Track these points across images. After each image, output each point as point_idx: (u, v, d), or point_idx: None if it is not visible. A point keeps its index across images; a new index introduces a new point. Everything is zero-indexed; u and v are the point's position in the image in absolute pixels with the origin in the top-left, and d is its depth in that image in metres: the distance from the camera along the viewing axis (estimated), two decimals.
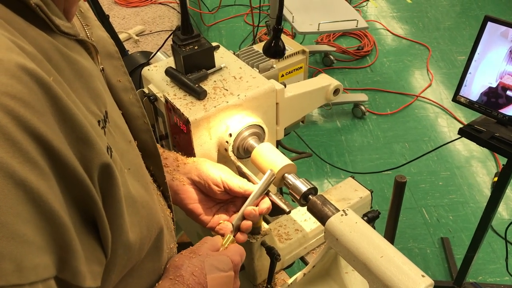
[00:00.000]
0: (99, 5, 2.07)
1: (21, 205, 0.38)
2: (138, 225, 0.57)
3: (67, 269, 0.43)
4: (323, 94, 1.24)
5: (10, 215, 0.37)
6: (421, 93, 3.39)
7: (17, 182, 0.37)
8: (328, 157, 2.92)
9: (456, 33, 4.02)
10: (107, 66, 0.68)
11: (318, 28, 2.92)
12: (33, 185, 0.39)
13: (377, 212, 1.03)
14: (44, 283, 0.40)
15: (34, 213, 0.39)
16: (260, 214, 0.87)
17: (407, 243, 2.44)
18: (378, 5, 4.41)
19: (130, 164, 0.61)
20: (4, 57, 0.39)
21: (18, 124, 0.38)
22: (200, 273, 0.69)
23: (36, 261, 0.39)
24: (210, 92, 1.03)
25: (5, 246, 0.36)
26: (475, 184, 2.74)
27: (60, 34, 0.51)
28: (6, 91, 0.38)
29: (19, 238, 0.37)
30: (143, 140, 0.74)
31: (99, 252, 0.49)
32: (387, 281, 0.76)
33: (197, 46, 1.06)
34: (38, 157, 0.40)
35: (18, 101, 0.38)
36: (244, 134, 1.03)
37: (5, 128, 0.37)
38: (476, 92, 1.57)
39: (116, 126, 0.60)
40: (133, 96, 0.72)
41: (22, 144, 0.38)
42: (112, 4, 3.51)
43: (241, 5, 4.36)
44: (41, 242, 0.40)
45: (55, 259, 0.42)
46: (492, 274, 2.30)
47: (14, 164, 0.37)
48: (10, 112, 0.38)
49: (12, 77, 0.39)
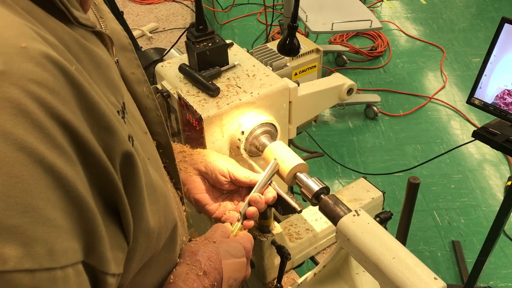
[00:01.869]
0: (114, 1, 2.08)
1: (50, 190, 0.38)
2: (157, 214, 0.57)
3: (93, 255, 0.44)
4: (336, 93, 1.23)
5: (41, 200, 0.37)
6: (434, 95, 3.37)
7: (46, 167, 0.38)
8: (339, 158, 2.90)
9: (471, 35, 3.98)
10: (121, 59, 0.69)
11: (332, 27, 2.90)
12: (61, 171, 0.39)
13: (390, 213, 1.02)
14: (74, 267, 0.41)
15: (63, 199, 0.40)
16: (266, 203, 0.89)
17: (418, 246, 2.42)
18: (392, 6, 4.38)
19: (148, 155, 0.61)
20: (29, 46, 0.39)
21: (45, 110, 0.39)
22: (216, 259, 0.71)
23: (66, 245, 0.40)
24: (223, 90, 1.03)
25: (37, 230, 0.37)
26: (487, 188, 2.71)
27: (78, 25, 0.52)
28: (33, 78, 0.38)
29: (50, 223, 0.38)
30: (156, 132, 0.75)
31: (121, 239, 0.50)
32: (399, 283, 0.75)
33: (211, 43, 1.06)
34: (65, 144, 0.40)
35: (44, 88, 0.39)
36: (257, 132, 1.02)
37: (33, 114, 0.37)
38: (491, 94, 1.55)
39: (133, 117, 0.61)
40: (147, 89, 0.72)
41: (50, 130, 0.39)
42: (126, 1, 3.52)
43: (255, 4, 4.36)
44: (69, 227, 0.40)
45: (82, 244, 0.42)
46: (504, 279, 2.27)
47: (43, 150, 0.38)
48: (37, 99, 0.38)
49: (37, 64, 0.39)
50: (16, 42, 0.39)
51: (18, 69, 0.38)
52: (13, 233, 0.35)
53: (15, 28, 0.40)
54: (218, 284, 0.70)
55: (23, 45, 0.39)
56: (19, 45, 0.39)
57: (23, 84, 0.37)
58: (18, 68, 0.38)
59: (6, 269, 0.35)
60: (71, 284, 0.40)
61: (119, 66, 0.68)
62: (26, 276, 0.36)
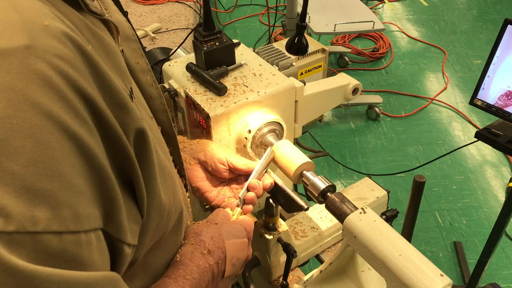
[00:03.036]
0: (119, 1, 2.09)
1: (74, 157, 0.41)
2: (167, 192, 0.59)
3: (112, 222, 0.46)
4: (342, 93, 1.24)
5: (66, 166, 0.40)
6: (436, 96, 3.38)
7: (70, 135, 0.40)
8: (342, 158, 2.91)
9: (473, 36, 3.99)
10: (126, 48, 0.70)
11: (334, 28, 2.91)
12: (84, 139, 0.41)
13: (396, 211, 1.03)
14: (95, 233, 0.43)
15: (85, 166, 0.42)
16: (264, 189, 0.92)
17: (420, 246, 2.43)
18: (394, 8, 4.39)
19: (155, 138, 0.63)
20: (51, 24, 0.42)
21: (68, 83, 0.41)
22: (219, 238, 0.74)
23: (89, 211, 0.42)
24: (230, 89, 1.04)
25: (63, 194, 0.39)
26: (489, 189, 2.72)
27: (88, 13, 0.54)
28: (56, 53, 0.41)
29: (74, 188, 0.40)
30: (160, 120, 0.77)
31: (136, 211, 0.52)
32: (405, 280, 0.76)
33: (218, 42, 1.07)
34: (86, 115, 0.43)
35: (67, 63, 0.41)
36: (263, 131, 1.03)
37: (58, 86, 0.40)
38: (494, 95, 1.56)
39: (140, 102, 0.63)
40: (151, 78, 0.74)
41: (73, 102, 0.41)
42: (129, 2, 3.53)
43: (257, 5, 4.37)
44: (90, 194, 0.42)
45: (102, 212, 0.44)
46: (506, 280, 2.28)
47: (68, 119, 0.40)
48: (61, 72, 0.40)
49: (59, 41, 0.42)
50: (40, 20, 0.41)
51: (43, 44, 0.40)
52: (43, 196, 0.38)
53: (38, 8, 0.43)
54: (222, 263, 0.73)
55: (46, 23, 0.41)
56: (42, 23, 0.41)
57: (48, 58, 0.40)
58: (43, 43, 0.40)
59: (37, 230, 0.37)
60: (93, 248, 0.42)
61: (124, 55, 0.70)
62: (54, 238, 0.38)
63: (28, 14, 0.41)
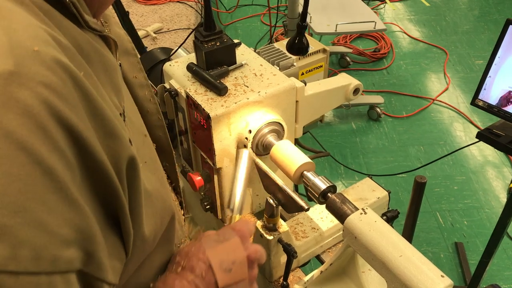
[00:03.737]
0: (120, 2, 2.09)
1: (48, 194, 0.38)
2: (152, 217, 0.57)
3: (90, 261, 0.43)
4: (343, 93, 1.24)
5: (35, 202, 0.37)
6: (438, 97, 3.37)
7: (45, 169, 0.38)
8: (343, 159, 2.91)
9: (475, 37, 3.98)
10: (124, 62, 0.70)
11: (336, 29, 2.91)
12: (59, 174, 0.39)
13: (397, 212, 1.03)
14: (63, 276, 0.40)
15: (60, 203, 0.39)
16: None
17: (421, 247, 2.42)
18: (395, 8, 4.38)
19: (146, 158, 0.61)
20: (42, 50, 0.40)
21: (51, 113, 0.39)
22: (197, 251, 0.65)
23: (57, 252, 0.39)
24: (231, 89, 1.04)
25: (26, 232, 0.36)
26: (490, 190, 2.71)
27: (87, 29, 0.53)
28: (43, 81, 0.39)
29: (42, 227, 0.37)
30: (157, 136, 0.75)
31: (120, 248, 0.49)
32: (406, 280, 0.76)
33: (219, 42, 1.07)
34: (66, 147, 0.40)
35: (53, 91, 0.39)
36: (264, 131, 1.03)
37: (38, 116, 0.38)
38: (495, 96, 1.55)
39: (131, 121, 0.61)
40: (149, 93, 0.73)
41: (53, 133, 0.39)
42: (131, 2, 3.53)
43: (258, 5, 4.36)
44: (65, 233, 0.40)
45: (80, 251, 0.42)
46: (507, 280, 2.27)
47: (44, 152, 0.38)
48: (45, 101, 0.38)
49: (48, 68, 0.40)
50: (30, 45, 0.40)
51: (29, 71, 0.38)
52: (3, 232, 0.35)
53: (30, 30, 0.41)
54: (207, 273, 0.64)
55: (35, 49, 0.40)
56: (32, 48, 0.39)
57: (33, 86, 0.38)
58: (29, 70, 0.38)
59: None
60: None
61: (122, 70, 0.69)
62: (9, 278, 0.35)
63: (19, 37, 0.40)
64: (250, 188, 1.18)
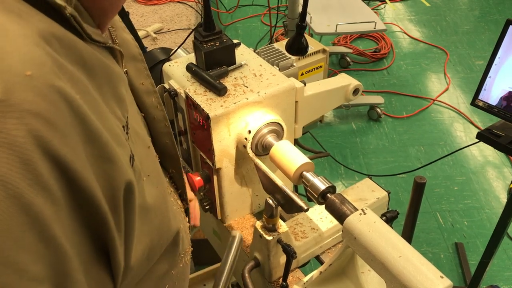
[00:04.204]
0: None
1: (22, 232, 0.36)
2: (148, 235, 0.56)
3: None
4: (342, 93, 1.24)
5: (8, 240, 0.35)
6: (438, 97, 3.37)
7: (22, 205, 0.36)
8: (343, 159, 2.91)
9: (475, 37, 3.98)
10: (131, 69, 0.68)
11: (336, 29, 2.91)
12: (37, 209, 0.37)
13: (396, 212, 1.03)
14: None
15: (35, 240, 0.37)
16: None
17: (421, 247, 2.42)
18: (395, 8, 4.38)
19: (149, 170, 0.60)
20: (34, 74, 0.38)
21: (37, 144, 0.37)
22: None
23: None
24: (230, 89, 1.04)
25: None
26: (490, 190, 2.71)
27: (90, 41, 0.52)
28: (31, 109, 0.37)
29: (13, 266, 0.36)
30: (163, 143, 0.74)
31: (107, 281, 0.48)
32: (405, 281, 0.76)
33: (218, 42, 1.07)
34: (51, 181, 0.38)
35: (41, 120, 0.37)
36: (263, 131, 1.03)
37: (21, 147, 0.36)
38: (495, 96, 1.55)
39: (135, 132, 0.60)
40: (156, 99, 0.71)
41: (37, 166, 0.37)
42: (131, 2, 3.53)
43: (259, 5, 4.37)
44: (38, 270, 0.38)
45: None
46: (507, 281, 2.27)
47: (23, 186, 0.36)
48: (31, 131, 0.36)
49: (39, 94, 0.38)
50: (21, 70, 0.37)
51: (17, 99, 0.36)
52: None
53: (24, 52, 0.39)
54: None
55: (28, 73, 0.37)
56: (24, 72, 0.37)
57: (19, 115, 0.36)
58: (18, 97, 0.36)
59: None
60: None
61: (128, 77, 0.67)
62: None
63: (10, 61, 0.37)
64: (249, 188, 1.18)
